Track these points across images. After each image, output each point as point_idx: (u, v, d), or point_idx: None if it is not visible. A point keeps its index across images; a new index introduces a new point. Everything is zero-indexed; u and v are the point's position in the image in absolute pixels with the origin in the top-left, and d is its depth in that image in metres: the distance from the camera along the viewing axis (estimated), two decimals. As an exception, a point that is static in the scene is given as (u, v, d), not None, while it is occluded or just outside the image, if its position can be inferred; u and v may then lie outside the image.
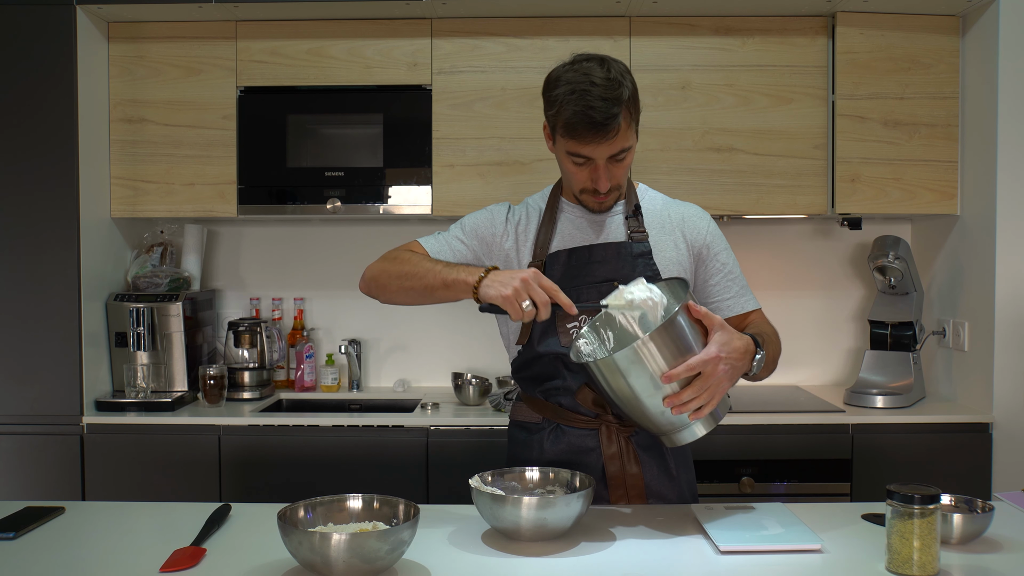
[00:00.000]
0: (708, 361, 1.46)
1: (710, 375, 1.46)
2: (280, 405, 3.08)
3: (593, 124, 1.59)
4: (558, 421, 1.78)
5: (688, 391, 1.46)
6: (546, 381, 1.79)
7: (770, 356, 1.67)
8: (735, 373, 1.52)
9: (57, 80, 2.72)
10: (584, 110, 1.59)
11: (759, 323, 1.78)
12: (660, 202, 1.83)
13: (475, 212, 1.87)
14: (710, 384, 1.47)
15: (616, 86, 1.60)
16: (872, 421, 2.68)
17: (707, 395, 1.47)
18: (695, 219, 1.81)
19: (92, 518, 1.65)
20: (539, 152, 2.89)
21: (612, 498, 1.75)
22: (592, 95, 1.58)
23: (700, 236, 1.79)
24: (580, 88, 1.59)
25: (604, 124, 1.59)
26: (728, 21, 2.88)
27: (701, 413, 1.49)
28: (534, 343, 1.77)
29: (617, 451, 1.74)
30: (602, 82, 1.59)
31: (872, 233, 3.15)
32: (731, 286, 1.79)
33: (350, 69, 2.91)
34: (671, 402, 1.46)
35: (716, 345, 1.48)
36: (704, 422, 1.52)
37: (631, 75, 1.67)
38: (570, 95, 1.60)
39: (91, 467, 2.72)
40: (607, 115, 1.59)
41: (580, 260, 1.76)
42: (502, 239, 1.81)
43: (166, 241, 3.15)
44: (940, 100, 2.87)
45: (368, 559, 1.28)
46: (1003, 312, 2.70)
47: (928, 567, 1.33)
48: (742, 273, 1.83)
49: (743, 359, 1.53)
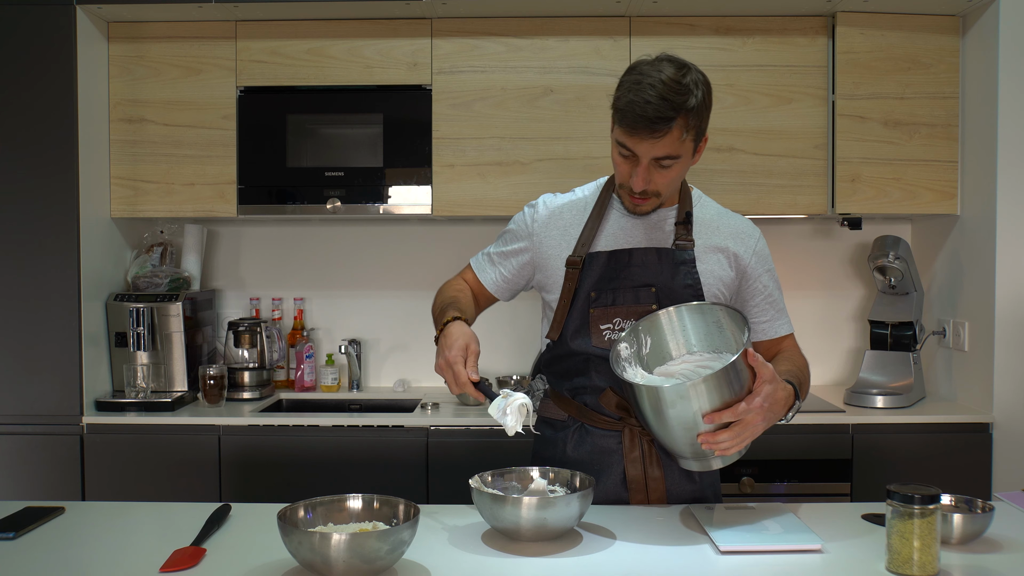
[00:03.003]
0: (751, 410, 1.47)
1: (749, 423, 1.48)
2: (280, 405, 3.08)
3: (643, 118, 1.56)
4: (582, 420, 1.78)
5: (725, 434, 1.47)
6: (573, 378, 1.78)
7: (803, 397, 1.68)
8: (771, 421, 1.53)
9: (57, 80, 2.72)
10: (640, 101, 1.56)
11: (792, 355, 1.77)
12: (713, 212, 1.80)
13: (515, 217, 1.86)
14: (747, 430, 1.48)
15: (682, 92, 1.56)
16: (872, 421, 2.68)
17: (741, 440, 1.49)
18: (746, 235, 1.78)
19: (92, 518, 1.65)
20: (539, 152, 2.89)
21: (632, 501, 1.74)
22: (653, 90, 1.56)
23: (748, 253, 1.77)
24: (646, 81, 1.57)
25: (653, 122, 1.56)
26: (728, 21, 2.88)
27: (727, 453, 1.50)
28: (567, 339, 1.76)
29: (639, 454, 1.73)
30: (670, 82, 1.56)
31: (872, 233, 3.15)
32: (768, 309, 1.78)
33: (350, 69, 2.91)
34: (705, 439, 1.47)
35: (762, 397, 1.49)
36: (724, 459, 1.54)
37: (709, 91, 1.63)
38: (634, 84, 1.58)
39: (91, 467, 2.72)
40: (659, 114, 1.56)
41: (619, 263, 1.73)
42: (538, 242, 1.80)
43: (166, 241, 3.15)
44: (940, 100, 2.87)
45: (368, 559, 1.28)
46: (1003, 312, 2.70)
47: (928, 567, 1.33)
48: (782, 295, 1.82)
49: (782, 410, 1.55)
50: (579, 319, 1.74)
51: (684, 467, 1.58)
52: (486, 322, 3.25)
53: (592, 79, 2.88)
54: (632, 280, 1.72)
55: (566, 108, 2.89)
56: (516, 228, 1.85)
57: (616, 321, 1.71)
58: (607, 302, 1.72)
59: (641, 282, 1.72)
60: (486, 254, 1.88)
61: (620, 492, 1.75)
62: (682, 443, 1.52)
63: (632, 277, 1.72)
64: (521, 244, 1.82)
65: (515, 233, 1.84)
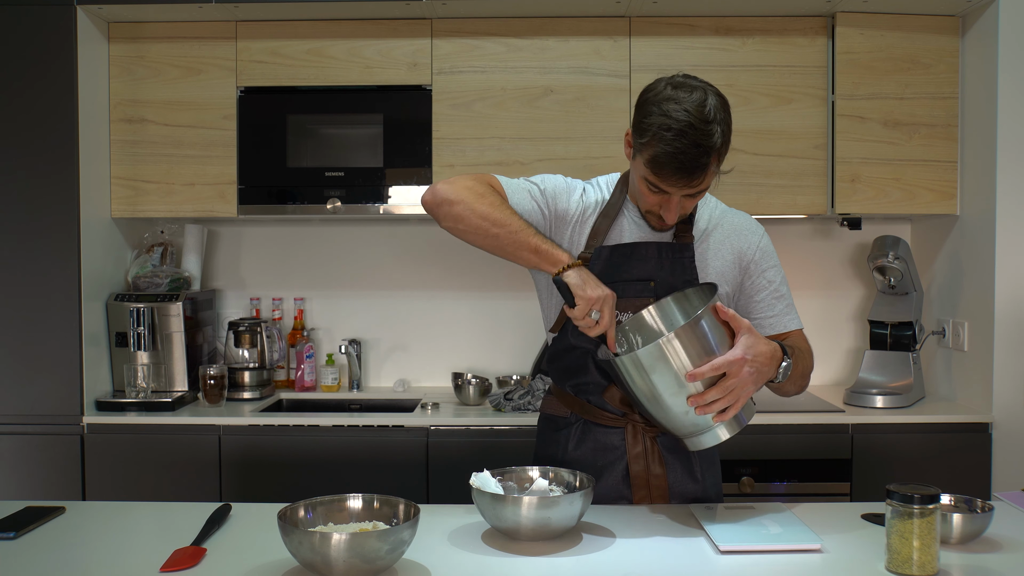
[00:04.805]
0: (733, 362, 1.46)
1: (734, 376, 1.47)
2: (280, 405, 3.09)
3: (680, 170, 1.55)
4: (585, 417, 1.78)
5: (712, 391, 1.46)
6: (576, 375, 1.78)
7: (799, 370, 1.67)
8: (760, 377, 1.52)
9: (57, 80, 2.72)
10: (675, 153, 1.53)
11: (796, 340, 1.77)
12: (716, 209, 1.80)
13: (556, 179, 1.77)
14: (734, 385, 1.47)
15: (711, 132, 1.53)
16: (872, 421, 2.68)
17: (731, 396, 1.48)
18: (747, 232, 1.78)
19: (92, 518, 1.65)
20: (539, 152, 2.89)
21: (635, 498, 1.75)
22: (686, 139, 1.52)
23: (750, 249, 1.77)
24: (676, 128, 1.52)
25: (691, 172, 1.55)
26: (728, 21, 2.88)
27: (725, 416, 1.50)
28: (568, 334, 1.76)
29: (642, 451, 1.73)
30: (699, 124, 1.52)
31: (872, 233, 3.15)
32: (776, 304, 1.77)
33: (350, 69, 2.91)
34: (695, 401, 1.47)
35: (742, 347, 1.48)
36: (728, 426, 1.52)
37: (728, 112, 1.59)
38: (665, 131, 1.53)
39: (91, 467, 2.72)
40: (696, 164, 1.54)
41: (621, 256, 1.73)
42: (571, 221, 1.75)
43: (166, 241, 3.15)
44: (940, 100, 2.87)
45: (368, 559, 1.28)
46: (1003, 312, 2.70)
47: (928, 567, 1.33)
48: (790, 291, 1.81)
49: (769, 364, 1.53)
50: None
51: (692, 448, 1.56)
52: (486, 322, 3.27)
53: (592, 79, 2.88)
54: (632, 274, 1.73)
55: (566, 108, 2.89)
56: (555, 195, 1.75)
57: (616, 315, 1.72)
58: None
59: (641, 276, 1.72)
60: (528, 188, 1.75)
61: (623, 489, 1.75)
62: (678, 415, 1.50)
63: (632, 271, 1.73)
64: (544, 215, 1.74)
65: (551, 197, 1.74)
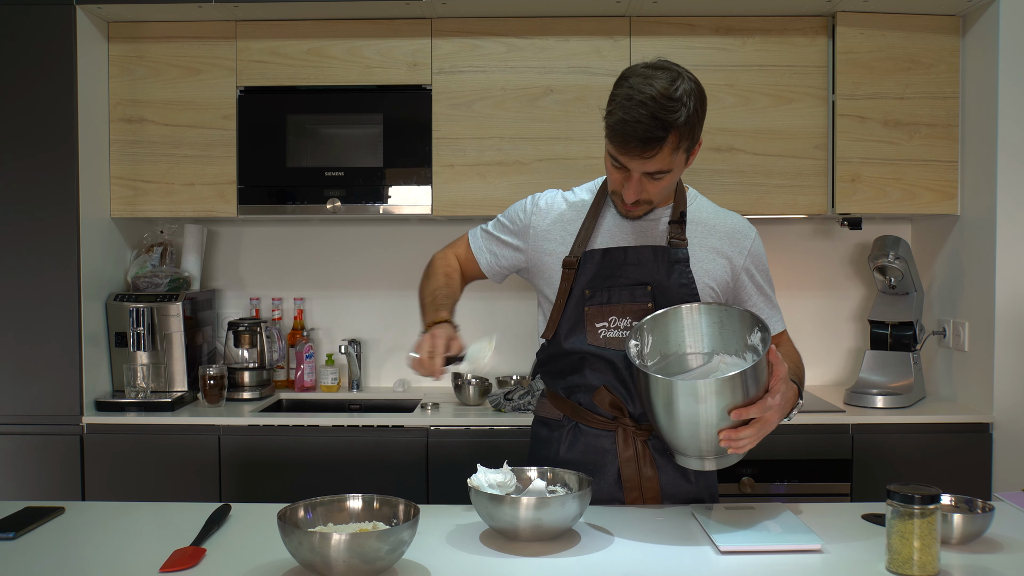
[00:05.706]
0: (772, 407, 1.48)
1: (766, 421, 1.48)
2: (280, 405, 3.08)
3: (633, 137, 1.55)
4: (576, 420, 1.79)
5: (747, 430, 1.47)
6: (567, 377, 1.78)
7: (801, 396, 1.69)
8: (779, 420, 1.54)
9: (57, 80, 2.72)
10: (632, 121, 1.54)
11: (788, 351, 1.78)
12: (708, 211, 1.80)
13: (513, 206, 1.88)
14: (765, 429, 1.49)
15: (673, 108, 1.53)
16: (872, 421, 2.68)
17: (758, 437, 1.50)
18: (741, 234, 1.78)
19: (92, 518, 1.65)
20: (539, 152, 2.89)
21: (627, 501, 1.75)
22: (644, 109, 1.53)
23: (743, 252, 1.77)
24: (637, 98, 1.54)
25: (644, 142, 1.55)
26: (728, 21, 2.88)
27: (742, 450, 1.51)
28: (560, 339, 1.76)
29: (633, 454, 1.74)
30: (660, 98, 1.53)
31: (872, 233, 3.15)
32: (764, 307, 1.79)
33: (350, 69, 2.91)
34: (727, 435, 1.47)
35: (779, 395, 1.50)
36: (734, 456, 1.55)
37: (701, 100, 1.60)
38: (625, 100, 1.55)
39: (91, 467, 2.72)
40: (650, 135, 1.54)
41: (614, 261, 1.74)
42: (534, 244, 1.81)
43: (166, 241, 3.15)
44: (940, 100, 2.87)
45: (368, 559, 1.28)
46: (1003, 312, 2.70)
47: (928, 567, 1.33)
48: (775, 292, 1.83)
49: (788, 408, 1.57)
50: (573, 317, 1.74)
51: (686, 465, 1.57)
52: (486, 321, 3.27)
53: (592, 79, 2.88)
54: (628, 278, 1.73)
55: (566, 108, 2.89)
56: (514, 221, 1.85)
57: (612, 319, 1.72)
58: (602, 300, 1.73)
59: (637, 280, 1.72)
60: (485, 232, 1.89)
61: (615, 492, 1.75)
62: (699, 439, 1.51)
63: (627, 275, 1.73)
64: (517, 242, 1.84)
65: (512, 226, 1.85)
